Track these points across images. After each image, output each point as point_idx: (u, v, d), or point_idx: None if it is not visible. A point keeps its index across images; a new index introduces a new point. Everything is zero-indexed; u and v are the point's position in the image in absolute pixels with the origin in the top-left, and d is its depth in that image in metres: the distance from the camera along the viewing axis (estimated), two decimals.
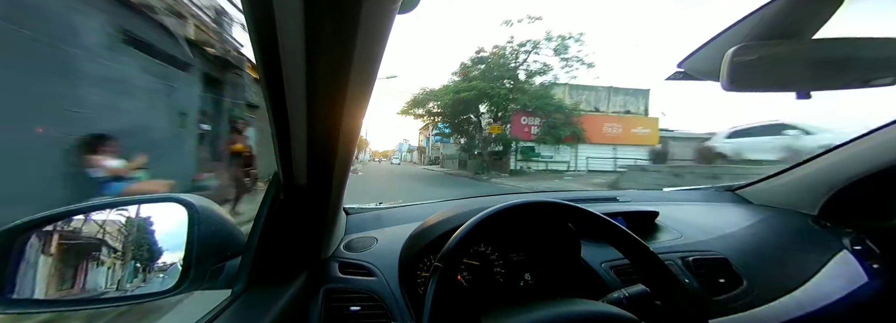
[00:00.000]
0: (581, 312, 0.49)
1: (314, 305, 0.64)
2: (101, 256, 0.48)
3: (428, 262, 0.71)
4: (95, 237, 0.48)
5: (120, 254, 0.49)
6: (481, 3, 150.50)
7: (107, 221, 0.49)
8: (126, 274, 0.48)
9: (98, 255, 0.48)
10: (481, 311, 0.50)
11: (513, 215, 0.50)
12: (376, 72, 0.36)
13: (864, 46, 0.53)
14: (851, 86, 0.55)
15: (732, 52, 0.52)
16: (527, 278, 0.75)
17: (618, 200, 1.15)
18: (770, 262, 0.80)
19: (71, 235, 0.47)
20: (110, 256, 0.48)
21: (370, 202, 1.14)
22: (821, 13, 0.53)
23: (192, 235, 0.50)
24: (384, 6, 0.28)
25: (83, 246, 0.48)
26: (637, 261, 0.50)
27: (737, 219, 0.97)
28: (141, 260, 0.50)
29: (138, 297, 0.49)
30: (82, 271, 0.46)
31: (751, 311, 0.68)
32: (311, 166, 0.50)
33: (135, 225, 0.51)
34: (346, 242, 0.82)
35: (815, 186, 0.93)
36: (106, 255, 0.48)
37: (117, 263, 0.48)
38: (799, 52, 0.54)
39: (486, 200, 0.99)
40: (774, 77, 0.56)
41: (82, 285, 0.46)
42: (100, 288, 0.47)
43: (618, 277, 0.72)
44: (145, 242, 0.51)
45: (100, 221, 0.49)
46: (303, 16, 0.27)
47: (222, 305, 0.54)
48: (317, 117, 0.40)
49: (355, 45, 0.30)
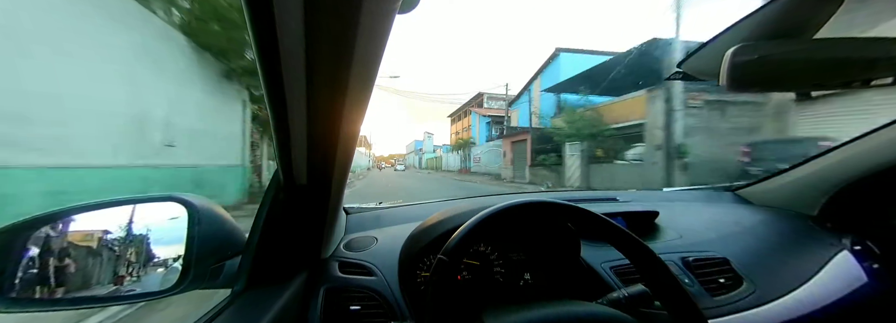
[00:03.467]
0: (581, 312, 0.49)
1: (314, 305, 0.64)
2: (101, 255, 0.48)
3: (428, 261, 0.71)
4: (96, 237, 0.48)
5: (120, 253, 0.49)
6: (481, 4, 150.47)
7: (107, 221, 0.49)
8: (126, 273, 0.48)
9: (98, 254, 0.48)
10: (481, 310, 0.50)
11: (513, 215, 0.50)
12: (376, 72, 0.36)
13: (865, 46, 0.53)
14: (852, 86, 0.55)
15: (733, 51, 0.52)
16: (527, 278, 0.75)
17: (618, 201, 1.15)
18: (770, 262, 0.80)
19: (71, 235, 0.47)
20: (110, 256, 0.48)
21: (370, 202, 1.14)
22: (822, 13, 0.53)
23: (192, 235, 0.50)
24: (384, 6, 0.28)
25: (83, 246, 0.48)
26: (637, 261, 0.50)
27: (737, 219, 0.97)
28: (141, 259, 0.50)
29: (138, 296, 0.49)
30: (83, 270, 0.47)
31: (751, 311, 0.68)
32: (311, 166, 0.50)
33: (135, 224, 0.51)
34: (345, 241, 0.82)
35: (815, 186, 0.93)
36: (106, 254, 0.48)
37: (117, 263, 0.48)
38: (800, 51, 0.54)
39: (485, 199, 0.99)
40: (775, 77, 0.56)
41: (83, 285, 0.46)
42: (100, 287, 0.47)
43: (618, 277, 0.72)
44: (145, 242, 0.51)
45: (100, 220, 0.49)
46: (303, 16, 0.27)
47: (222, 304, 0.54)
48: (317, 117, 0.40)
49: (355, 45, 0.30)
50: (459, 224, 0.49)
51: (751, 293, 0.71)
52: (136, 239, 0.50)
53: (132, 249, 0.50)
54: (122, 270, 0.48)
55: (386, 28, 0.30)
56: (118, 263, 0.48)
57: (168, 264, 0.50)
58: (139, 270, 0.49)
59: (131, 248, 0.50)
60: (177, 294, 0.49)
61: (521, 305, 0.50)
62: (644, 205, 1.04)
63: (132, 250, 0.50)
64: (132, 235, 0.50)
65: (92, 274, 0.47)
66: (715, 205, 1.13)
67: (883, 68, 0.52)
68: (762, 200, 1.10)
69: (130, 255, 0.49)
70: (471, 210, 0.64)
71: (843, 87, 0.56)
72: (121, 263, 0.48)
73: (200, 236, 0.51)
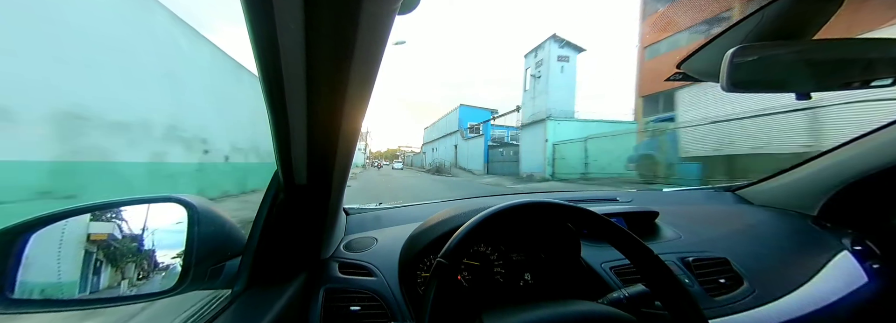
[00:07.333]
0: (581, 312, 0.49)
1: (314, 305, 0.64)
2: (101, 255, 0.48)
3: (428, 262, 0.71)
4: (96, 237, 0.48)
5: (120, 254, 0.49)
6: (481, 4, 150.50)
7: (107, 222, 0.49)
8: (126, 274, 0.48)
9: (98, 255, 0.48)
10: (481, 311, 0.50)
11: (513, 216, 0.50)
12: (376, 72, 0.36)
13: (864, 47, 0.53)
14: (851, 87, 0.55)
15: (732, 52, 0.52)
16: (527, 278, 0.75)
17: (618, 201, 1.15)
18: (770, 262, 0.79)
19: (71, 236, 0.47)
20: (110, 256, 0.48)
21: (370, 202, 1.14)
22: (821, 14, 0.53)
23: (191, 235, 0.50)
24: (384, 7, 0.28)
25: (83, 246, 0.48)
26: (637, 261, 0.50)
27: (737, 219, 0.97)
28: (141, 260, 0.50)
29: (138, 297, 0.49)
30: (82, 271, 0.46)
31: (751, 311, 0.68)
32: (311, 166, 0.50)
33: (135, 225, 0.51)
34: (345, 242, 0.82)
35: (815, 186, 0.93)
36: (106, 254, 0.48)
37: (117, 263, 0.48)
38: (799, 52, 0.54)
39: (486, 200, 0.99)
40: (774, 78, 0.56)
41: (82, 285, 0.46)
42: (100, 288, 0.47)
43: (618, 277, 0.72)
44: (145, 242, 0.51)
45: (100, 221, 0.49)
46: (303, 16, 0.27)
47: (222, 304, 0.54)
48: (317, 117, 0.40)
49: (355, 46, 0.30)
50: (459, 225, 0.49)
51: (751, 293, 0.71)
52: (135, 240, 0.50)
53: (132, 250, 0.50)
54: (122, 270, 0.48)
55: (386, 28, 0.30)
56: (118, 263, 0.48)
57: (168, 265, 0.50)
58: (139, 270, 0.49)
59: (131, 248, 0.50)
60: (176, 294, 0.49)
61: (521, 306, 0.50)
62: (644, 205, 1.04)
63: (132, 251, 0.49)
64: (132, 236, 0.50)
65: (92, 274, 0.47)
66: (715, 205, 1.13)
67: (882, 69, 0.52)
68: (762, 200, 1.10)
69: (130, 255, 0.49)
70: (471, 211, 0.64)
71: (843, 87, 0.56)
72: (120, 263, 0.48)
73: (200, 237, 0.51)
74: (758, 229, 0.92)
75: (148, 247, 0.50)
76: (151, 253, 0.50)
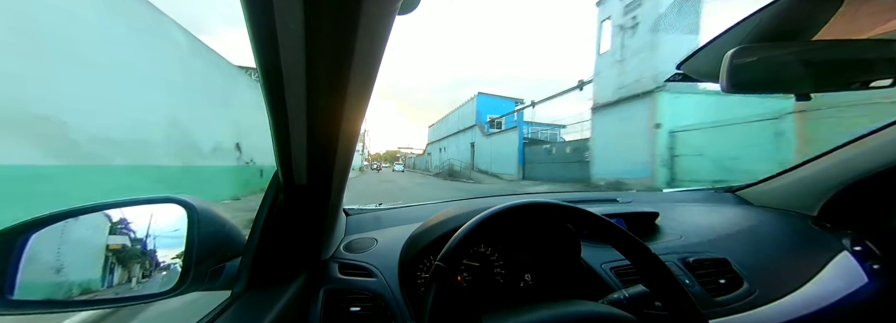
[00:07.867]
0: (581, 312, 0.49)
1: (314, 306, 0.64)
2: (101, 256, 0.47)
3: (428, 263, 0.71)
4: (96, 238, 0.48)
5: (120, 254, 0.49)
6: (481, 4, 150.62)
7: (107, 222, 0.49)
8: (126, 275, 0.48)
9: (98, 255, 0.47)
10: (482, 311, 0.50)
11: (513, 216, 0.50)
12: (376, 72, 0.36)
13: (864, 48, 0.53)
14: (851, 87, 0.55)
15: (732, 53, 0.52)
16: (527, 279, 0.75)
17: (618, 201, 1.15)
18: (770, 263, 0.79)
19: (71, 237, 0.47)
20: (110, 257, 0.48)
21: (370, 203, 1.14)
22: (820, 15, 0.53)
23: (191, 236, 0.50)
24: (384, 7, 0.28)
25: (83, 247, 0.48)
26: (637, 262, 0.50)
27: (737, 220, 0.97)
28: (141, 261, 0.50)
29: (138, 297, 0.49)
30: (82, 272, 0.46)
31: (751, 311, 0.68)
32: (310, 166, 0.50)
33: (134, 226, 0.51)
34: (345, 242, 0.82)
35: (815, 187, 0.93)
36: (106, 255, 0.48)
37: (117, 264, 0.48)
38: (799, 53, 0.54)
39: (486, 201, 0.99)
40: (774, 78, 0.56)
41: (82, 286, 0.46)
42: (100, 289, 0.47)
43: (618, 277, 0.72)
44: (145, 243, 0.51)
45: (100, 221, 0.49)
46: (303, 16, 0.27)
47: (222, 305, 0.54)
48: (317, 117, 0.40)
49: (355, 46, 0.30)
50: (459, 225, 0.49)
51: (751, 294, 0.71)
52: (135, 240, 0.50)
53: (132, 251, 0.49)
54: (122, 271, 0.48)
55: (386, 29, 0.30)
56: (117, 264, 0.48)
57: (168, 266, 0.50)
58: (138, 271, 0.49)
59: (131, 249, 0.50)
60: (176, 295, 0.49)
61: (522, 308, 0.50)
62: (644, 206, 1.04)
63: (132, 252, 0.49)
64: (131, 237, 0.50)
65: (91, 276, 0.47)
66: (715, 206, 1.13)
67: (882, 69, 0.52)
68: (762, 200, 1.10)
69: (130, 256, 0.49)
70: (471, 211, 0.64)
71: (843, 88, 0.56)
72: (120, 264, 0.48)
73: (200, 238, 0.51)
74: (758, 230, 0.92)
75: (148, 248, 0.50)
76: (151, 254, 0.50)
